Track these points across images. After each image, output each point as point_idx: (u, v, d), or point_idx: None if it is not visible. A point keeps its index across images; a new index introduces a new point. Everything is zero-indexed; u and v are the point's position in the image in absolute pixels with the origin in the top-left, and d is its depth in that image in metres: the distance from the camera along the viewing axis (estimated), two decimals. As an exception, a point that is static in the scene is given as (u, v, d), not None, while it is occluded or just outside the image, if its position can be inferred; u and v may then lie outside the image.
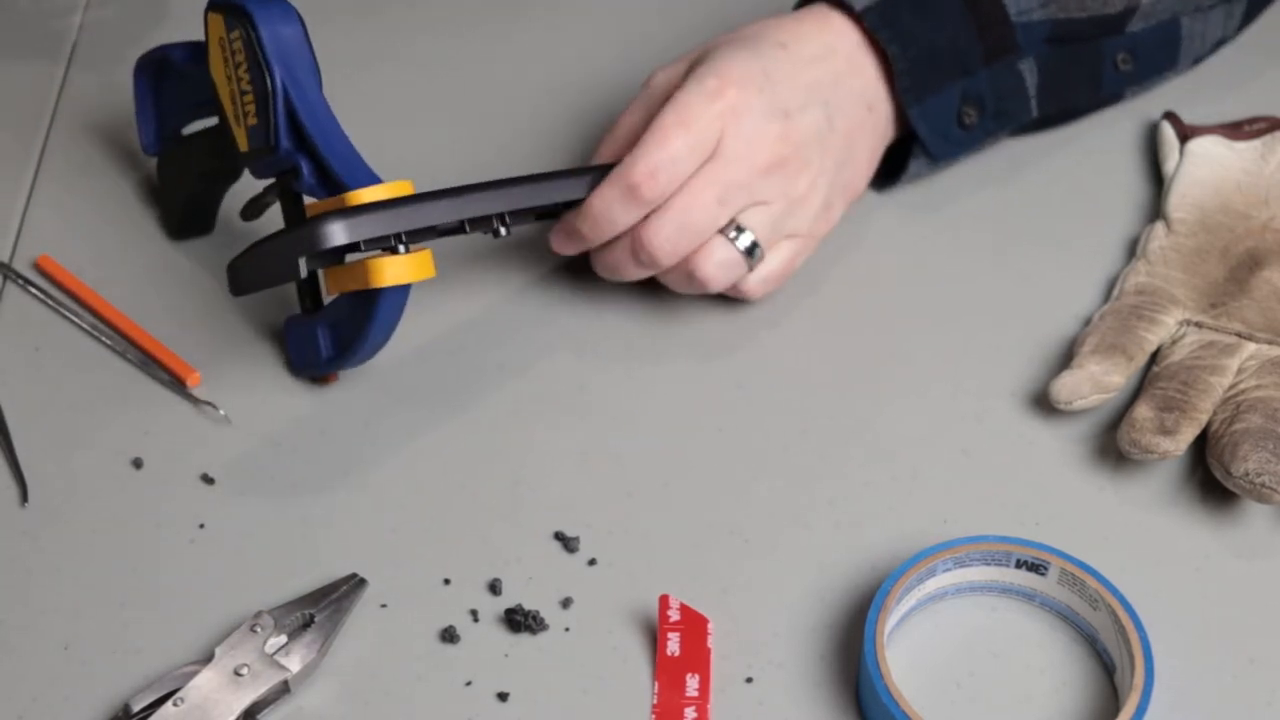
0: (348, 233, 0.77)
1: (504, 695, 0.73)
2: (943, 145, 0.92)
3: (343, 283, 0.80)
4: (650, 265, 0.83)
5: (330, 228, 0.77)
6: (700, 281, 0.84)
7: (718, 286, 0.85)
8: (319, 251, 0.77)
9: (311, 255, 0.77)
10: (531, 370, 0.86)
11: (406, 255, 0.78)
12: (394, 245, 0.78)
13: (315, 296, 0.85)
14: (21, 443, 0.83)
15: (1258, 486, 0.76)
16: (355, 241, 0.77)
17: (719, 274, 0.84)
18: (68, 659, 0.74)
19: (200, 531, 0.79)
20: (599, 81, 1.02)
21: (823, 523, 0.79)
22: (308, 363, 0.84)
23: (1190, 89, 1.00)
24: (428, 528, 0.79)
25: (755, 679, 0.73)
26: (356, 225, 0.77)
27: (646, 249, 0.82)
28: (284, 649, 0.73)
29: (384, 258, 0.78)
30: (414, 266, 0.79)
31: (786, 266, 0.87)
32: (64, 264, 0.91)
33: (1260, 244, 0.88)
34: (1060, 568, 0.73)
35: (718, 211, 0.82)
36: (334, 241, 0.77)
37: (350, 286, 0.80)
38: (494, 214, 0.81)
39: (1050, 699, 0.72)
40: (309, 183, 0.81)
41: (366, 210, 0.78)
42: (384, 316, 0.80)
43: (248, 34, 0.80)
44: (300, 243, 0.77)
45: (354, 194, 0.79)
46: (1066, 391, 0.81)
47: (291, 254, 0.77)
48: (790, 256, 0.87)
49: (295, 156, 0.81)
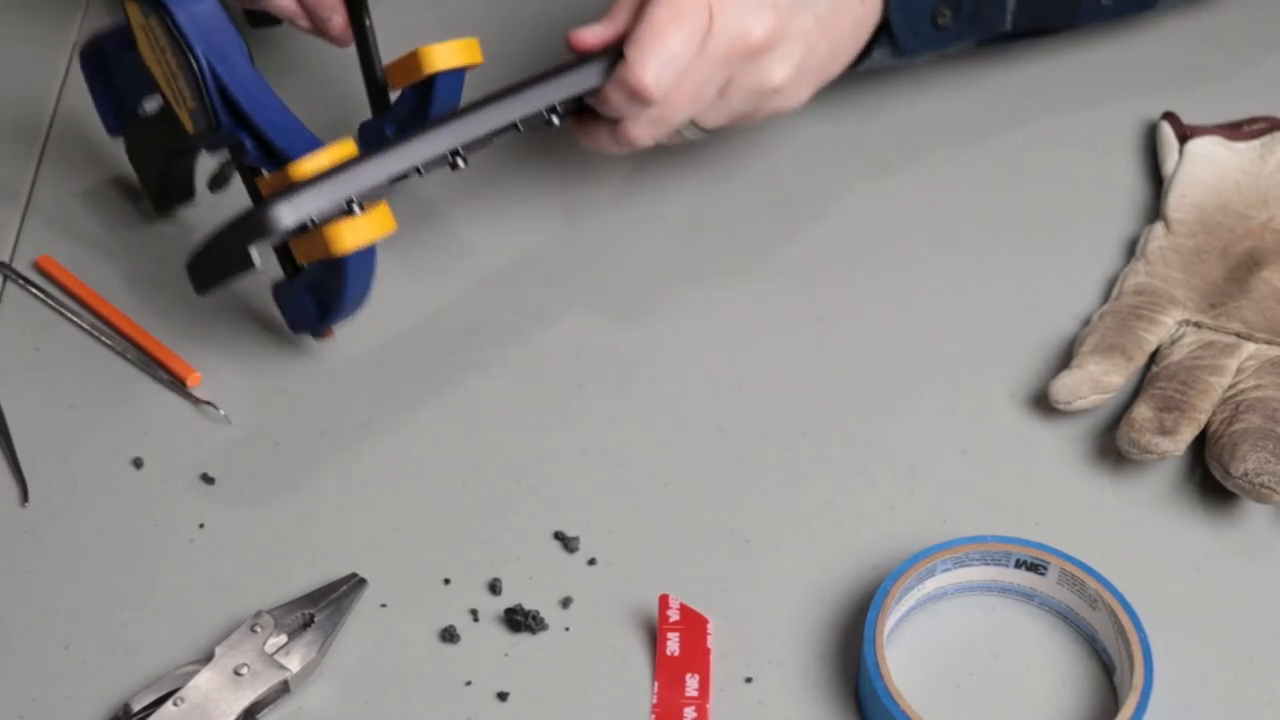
0: (293, 214, 0.75)
1: (504, 695, 0.73)
2: (912, 40, 0.92)
3: (307, 252, 0.79)
4: (628, 149, 0.84)
5: (273, 213, 0.75)
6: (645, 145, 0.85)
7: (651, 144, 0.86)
8: (270, 237, 0.75)
9: (263, 241, 0.75)
10: (532, 370, 0.86)
11: (362, 216, 0.77)
12: (348, 208, 0.76)
13: (293, 261, 0.83)
14: (21, 443, 0.83)
15: (1257, 486, 0.76)
16: (304, 221, 0.75)
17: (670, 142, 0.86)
18: (68, 659, 0.74)
19: (200, 531, 0.79)
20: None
21: (823, 523, 0.79)
22: (302, 324, 0.85)
23: (1190, 89, 1.00)
24: (428, 528, 0.79)
25: (755, 679, 0.73)
26: (299, 204, 0.75)
27: (628, 139, 0.83)
28: (284, 649, 0.73)
29: (340, 224, 0.76)
30: (372, 225, 0.77)
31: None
32: (64, 264, 0.91)
33: (1259, 244, 0.89)
34: (1059, 568, 0.73)
35: (698, 105, 0.83)
36: (280, 227, 0.75)
37: (315, 255, 0.79)
38: (445, 152, 0.79)
39: (1049, 699, 0.72)
40: (254, 156, 0.80)
41: (309, 185, 0.75)
42: (355, 275, 0.79)
43: (163, 19, 0.79)
44: (246, 233, 0.75)
45: (296, 166, 0.77)
46: (1066, 392, 0.82)
47: (241, 245, 0.75)
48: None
49: (237, 133, 0.80)
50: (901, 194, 0.95)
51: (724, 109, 0.85)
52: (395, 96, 0.87)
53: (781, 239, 0.93)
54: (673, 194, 0.95)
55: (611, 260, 0.92)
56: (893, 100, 1.01)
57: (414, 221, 0.94)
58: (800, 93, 0.88)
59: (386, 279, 0.91)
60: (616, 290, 0.90)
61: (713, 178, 0.96)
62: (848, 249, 0.92)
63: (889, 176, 0.97)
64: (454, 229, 0.94)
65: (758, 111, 0.87)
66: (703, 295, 0.90)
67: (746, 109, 0.86)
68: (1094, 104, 1.01)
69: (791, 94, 0.87)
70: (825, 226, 0.94)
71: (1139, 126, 0.99)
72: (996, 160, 0.97)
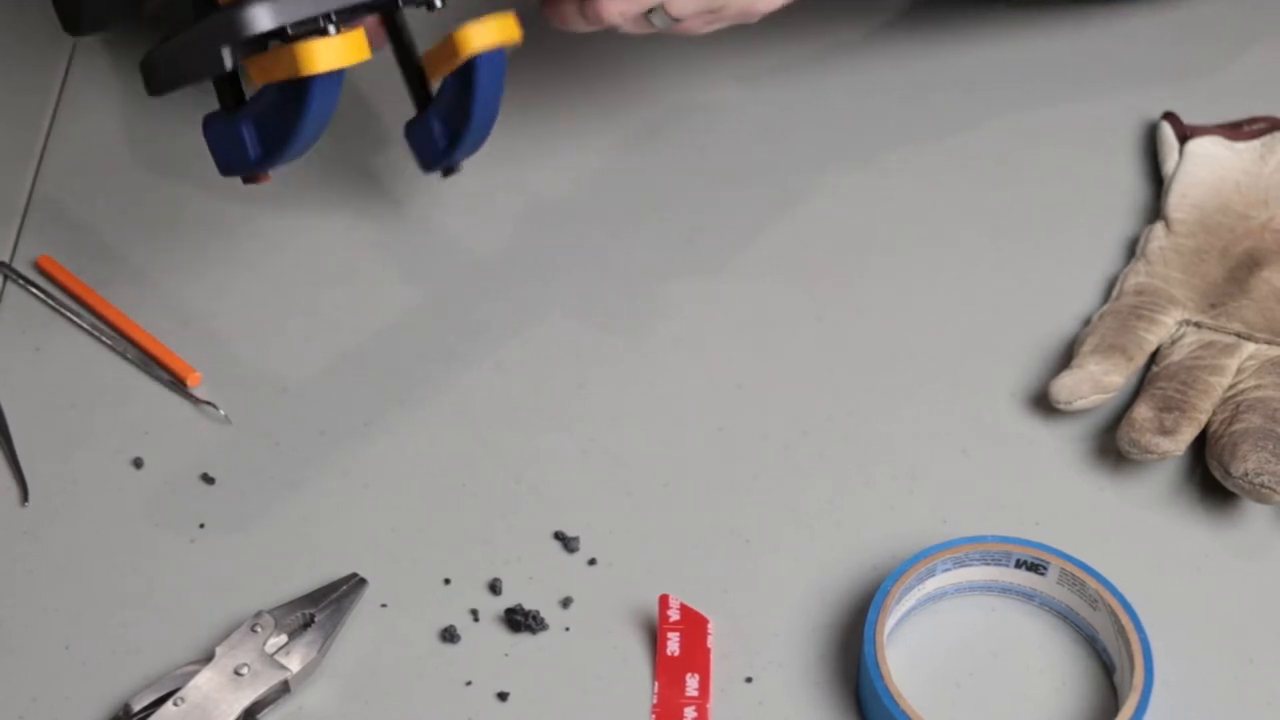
0: (274, 15, 0.69)
1: (504, 695, 0.73)
2: None
3: (269, 72, 0.72)
4: (595, 25, 0.82)
5: (254, 10, 0.69)
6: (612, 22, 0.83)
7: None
8: (243, 39, 0.69)
9: (235, 44, 0.70)
10: (531, 370, 0.86)
11: (338, 36, 0.71)
12: (323, 26, 0.71)
13: (236, 90, 0.76)
14: (21, 443, 0.83)
15: (1257, 487, 0.76)
16: (283, 25, 0.70)
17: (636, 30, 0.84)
18: (68, 659, 0.74)
19: (200, 531, 0.79)
20: None
21: (823, 522, 0.79)
22: (234, 165, 0.76)
23: (1190, 89, 1.00)
24: (428, 528, 0.79)
25: (755, 678, 0.73)
26: (282, 6, 0.69)
27: (597, 14, 0.81)
28: (284, 649, 0.73)
29: (313, 41, 0.70)
30: (347, 48, 0.71)
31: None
32: (64, 264, 0.91)
33: (1259, 244, 0.88)
34: (1060, 568, 0.73)
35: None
36: (260, 26, 0.69)
37: (277, 76, 0.72)
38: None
39: (1050, 699, 0.72)
40: None
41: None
42: (317, 107, 0.72)
43: None
44: (222, 29, 0.69)
45: None
46: (1066, 392, 0.82)
47: (213, 43, 0.70)
48: None
49: None
50: (901, 194, 0.95)
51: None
52: (436, 89, 0.83)
53: (781, 239, 0.93)
54: (673, 194, 0.95)
55: (611, 260, 0.92)
56: (893, 100, 1.01)
57: (414, 221, 0.94)
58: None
59: (387, 278, 0.91)
60: (616, 290, 0.90)
61: (712, 177, 0.96)
62: (848, 249, 0.92)
63: (889, 176, 0.97)
64: (453, 228, 0.94)
65: (729, 6, 0.84)
66: (703, 295, 0.90)
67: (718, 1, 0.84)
68: (1094, 103, 1.01)
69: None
70: (825, 226, 0.94)
71: (1139, 126, 0.99)
72: (996, 160, 0.97)
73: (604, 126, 0.99)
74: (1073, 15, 1.06)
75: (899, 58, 1.03)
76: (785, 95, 1.01)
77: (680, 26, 0.85)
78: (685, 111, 1.00)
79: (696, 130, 0.99)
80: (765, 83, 1.02)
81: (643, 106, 1.00)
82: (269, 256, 0.92)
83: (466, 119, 0.80)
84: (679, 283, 0.91)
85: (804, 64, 1.03)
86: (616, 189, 0.96)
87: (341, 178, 0.96)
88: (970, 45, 1.04)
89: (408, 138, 0.83)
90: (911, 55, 1.03)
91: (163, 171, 0.96)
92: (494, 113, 0.81)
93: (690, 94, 1.01)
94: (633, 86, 0.97)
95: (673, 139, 0.98)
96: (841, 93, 1.01)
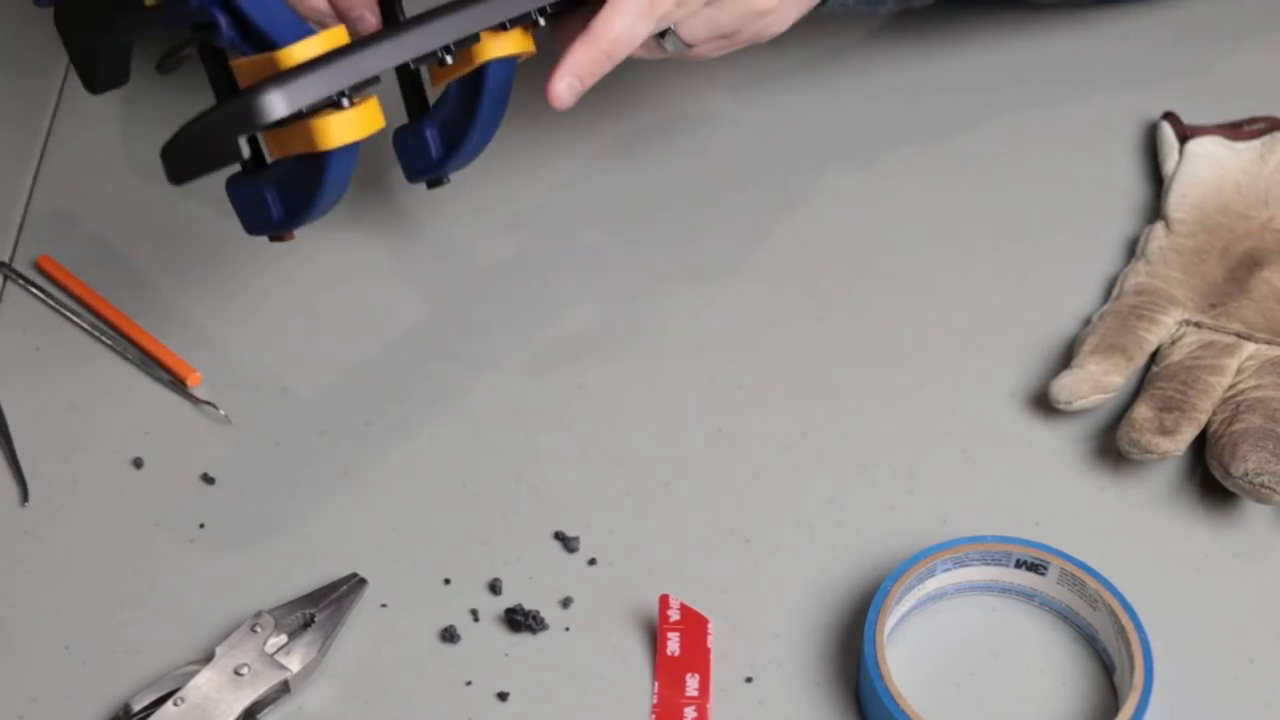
0: (288, 102, 0.69)
1: (504, 695, 0.73)
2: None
3: (286, 145, 0.73)
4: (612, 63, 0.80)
5: (267, 100, 0.69)
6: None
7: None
8: (260, 128, 0.70)
9: (252, 132, 0.70)
10: (531, 370, 0.86)
11: (352, 109, 0.71)
12: (337, 100, 0.71)
13: (258, 156, 0.76)
14: (21, 443, 0.83)
15: (1257, 486, 0.76)
16: (298, 110, 0.70)
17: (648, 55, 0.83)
18: (68, 659, 0.74)
19: (200, 531, 0.79)
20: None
21: (823, 522, 0.79)
22: (259, 225, 0.77)
23: (1190, 89, 1.00)
24: (428, 528, 0.79)
25: (755, 679, 0.73)
26: (297, 92, 0.69)
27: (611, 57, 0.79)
28: (284, 649, 0.73)
29: (328, 116, 0.71)
30: (361, 121, 0.72)
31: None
32: (64, 264, 0.91)
33: (1259, 244, 0.89)
34: (1060, 568, 0.73)
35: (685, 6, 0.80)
36: (274, 115, 0.69)
37: (295, 150, 0.73)
38: (440, 47, 0.74)
39: (1050, 699, 0.72)
40: (229, 36, 0.72)
41: (303, 72, 0.70)
42: (334, 176, 0.73)
43: None
44: (237, 121, 0.69)
45: (287, 52, 0.71)
46: (1066, 392, 0.82)
47: (229, 134, 0.70)
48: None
49: (210, 9, 0.72)
50: (901, 194, 0.95)
51: (710, 21, 0.83)
52: (438, 95, 0.82)
53: (781, 239, 0.93)
54: (672, 195, 0.95)
55: (611, 260, 0.92)
56: (893, 101, 1.01)
57: (414, 222, 0.94)
58: (785, 18, 0.86)
59: (387, 279, 0.91)
60: (616, 290, 0.90)
61: (712, 179, 0.96)
62: (848, 249, 0.92)
63: (889, 177, 0.97)
64: (453, 230, 0.94)
65: (741, 32, 0.85)
66: (703, 295, 0.90)
67: (732, 26, 0.84)
68: (1094, 104, 1.01)
69: (778, 19, 0.85)
70: (825, 226, 0.94)
71: (1139, 126, 0.99)
72: (996, 160, 0.97)
73: (604, 128, 0.99)
74: (1072, 16, 1.06)
75: (899, 59, 1.03)
76: (785, 96, 1.01)
77: (693, 52, 0.85)
78: (685, 112, 1.00)
79: (696, 132, 0.99)
80: (766, 84, 1.02)
81: (642, 108, 1.00)
82: (269, 257, 0.92)
83: (467, 129, 0.79)
84: (679, 283, 0.91)
85: (804, 65, 1.03)
86: (616, 190, 0.96)
87: (341, 178, 0.96)
88: (970, 46, 1.04)
89: (397, 145, 0.82)
90: (911, 56, 1.03)
91: (162, 172, 0.96)
92: (495, 126, 0.80)
93: (690, 94, 1.01)
94: (631, 89, 0.97)
95: (672, 141, 0.99)
96: (841, 94, 1.01)
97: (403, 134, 0.82)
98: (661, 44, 0.83)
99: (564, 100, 0.78)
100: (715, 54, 0.86)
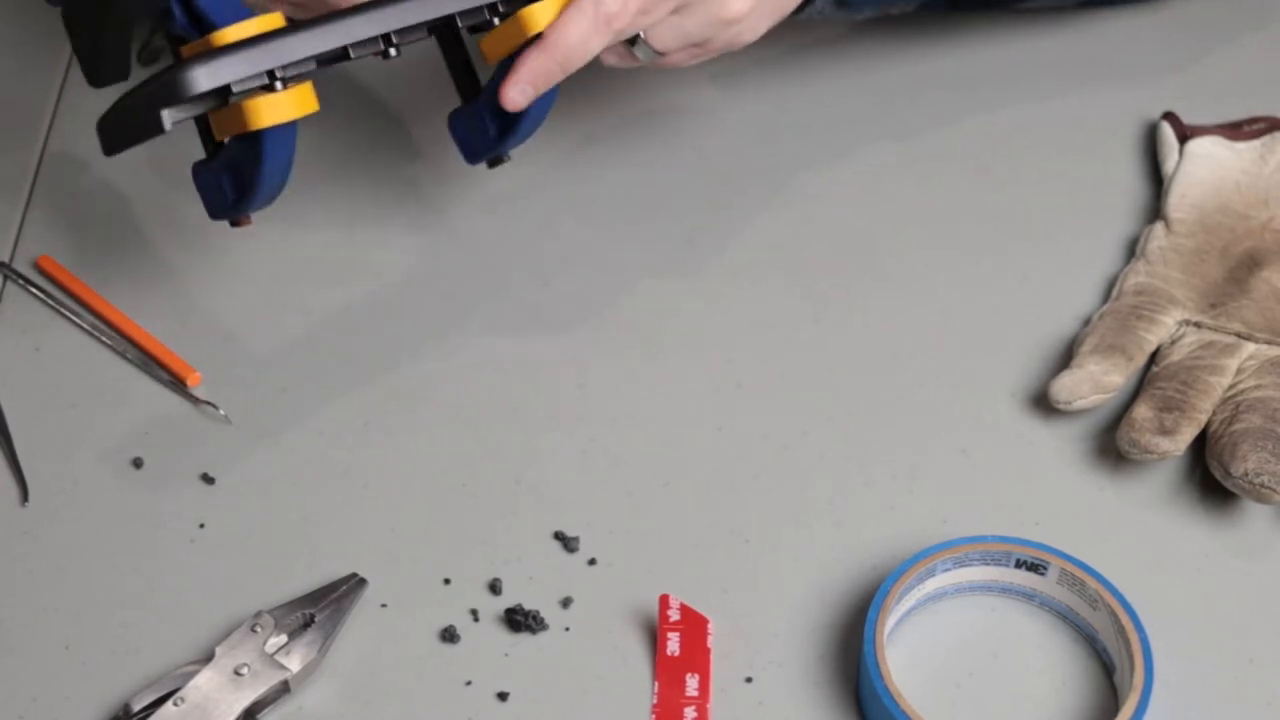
0: (209, 77, 0.71)
1: (504, 695, 0.73)
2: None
3: (225, 127, 0.75)
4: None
5: (189, 75, 0.71)
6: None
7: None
8: (184, 101, 0.72)
9: (176, 105, 0.72)
10: (531, 370, 0.86)
11: (284, 92, 0.73)
12: (270, 83, 0.73)
13: (213, 140, 0.79)
14: (21, 443, 0.83)
15: (1257, 486, 0.76)
16: (222, 86, 0.72)
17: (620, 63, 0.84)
18: (68, 659, 0.74)
19: (200, 531, 0.79)
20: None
21: (823, 522, 0.79)
22: (218, 209, 0.79)
23: (1190, 89, 1.00)
24: (428, 527, 0.79)
25: (755, 678, 0.73)
26: (217, 69, 0.71)
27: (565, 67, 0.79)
28: (284, 649, 0.73)
29: (259, 98, 0.73)
30: (293, 103, 0.74)
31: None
32: (64, 264, 0.91)
33: (1259, 244, 0.89)
34: (1060, 568, 0.73)
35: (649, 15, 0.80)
36: (194, 89, 0.71)
37: (233, 130, 0.75)
38: (378, 35, 0.76)
39: (1050, 699, 0.72)
40: (181, 24, 0.75)
41: (230, 51, 0.72)
42: (273, 156, 0.75)
43: None
44: (159, 94, 0.72)
45: (220, 33, 0.73)
46: (1066, 392, 0.82)
47: (153, 107, 0.72)
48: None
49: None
50: (901, 194, 0.95)
51: (678, 29, 0.82)
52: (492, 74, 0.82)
53: (781, 239, 0.93)
54: (672, 194, 0.95)
55: (611, 260, 0.92)
56: (893, 100, 1.01)
57: (413, 222, 0.94)
58: (756, 27, 0.86)
59: (387, 279, 0.91)
60: (616, 290, 0.90)
61: (712, 178, 0.96)
62: (848, 249, 0.92)
63: (889, 177, 0.96)
64: (452, 229, 0.94)
65: (712, 41, 0.84)
66: (702, 295, 0.90)
67: (701, 35, 0.83)
68: (1094, 104, 1.01)
69: (749, 27, 0.85)
70: (825, 226, 0.94)
71: (1139, 126, 0.99)
72: (996, 160, 0.97)
73: (603, 127, 0.99)
74: (1072, 15, 1.06)
75: (898, 58, 1.03)
76: (785, 96, 1.01)
77: (664, 60, 0.84)
78: (685, 112, 1.00)
79: (697, 131, 0.99)
80: (766, 82, 1.02)
81: (642, 106, 1.00)
82: (269, 257, 0.92)
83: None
84: (679, 283, 0.91)
85: (804, 65, 1.03)
86: (616, 189, 0.96)
87: (341, 178, 0.96)
88: (970, 45, 1.04)
89: (453, 129, 0.83)
90: (910, 55, 1.03)
91: (162, 172, 0.96)
92: (552, 98, 0.80)
93: (690, 93, 1.01)
94: (630, 88, 0.97)
95: (673, 140, 0.98)
96: (842, 93, 1.01)
97: (457, 116, 0.83)
98: (633, 52, 0.83)
99: (516, 104, 0.79)
100: (689, 62, 0.86)
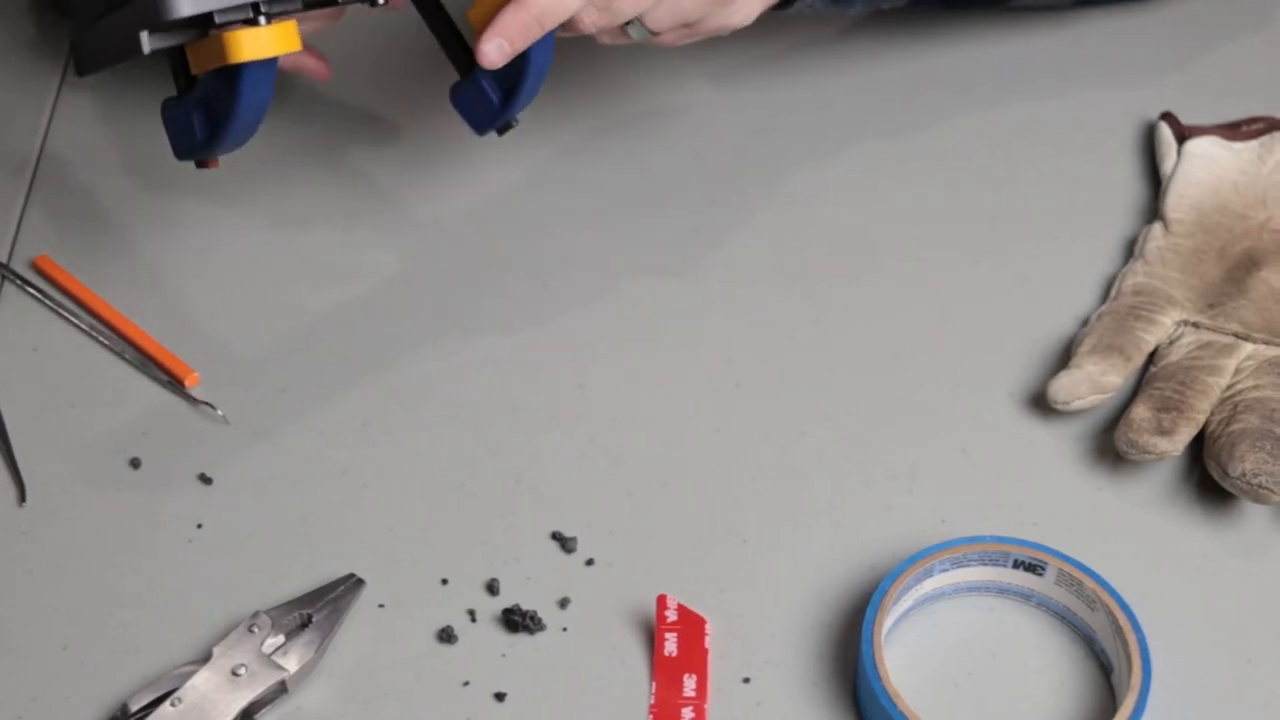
0: (193, 3, 0.70)
1: (501, 695, 0.73)
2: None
3: (203, 60, 0.74)
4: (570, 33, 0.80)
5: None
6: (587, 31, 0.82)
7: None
8: (163, 24, 0.71)
9: (155, 29, 0.71)
10: (531, 370, 0.86)
11: (267, 27, 0.73)
12: (253, 17, 0.72)
13: (187, 75, 0.78)
14: (19, 443, 0.83)
15: (1255, 487, 0.76)
16: (205, 12, 0.71)
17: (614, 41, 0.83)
18: (66, 659, 0.74)
19: (198, 531, 0.79)
20: None
21: (821, 523, 0.79)
22: (185, 148, 0.79)
23: (1188, 89, 1.00)
24: (426, 528, 0.79)
25: (753, 679, 0.73)
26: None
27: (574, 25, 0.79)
28: (282, 649, 0.73)
29: (240, 30, 0.72)
30: (275, 39, 0.73)
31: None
32: (63, 264, 0.91)
33: (1258, 244, 0.88)
34: (1058, 568, 0.73)
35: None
36: (176, 12, 0.70)
37: (210, 64, 0.74)
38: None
39: (1048, 699, 0.72)
40: None
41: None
42: (249, 94, 0.74)
43: None
44: (141, 14, 0.71)
45: None
46: (1064, 392, 0.82)
47: (132, 27, 0.71)
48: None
49: None
50: (900, 194, 0.95)
51: (674, 9, 0.83)
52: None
53: (780, 239, 0.93)
54: (671, 194, 0.95)
55: (611, 260, 0.92)
56: (892, 100, 1.01)
57: (412, 222, 0.94)
58: (749, 10, 0.86)
59: (385, 278, 0.91)
60: (616, 290, 0.90)
61: (711, 178, 0.96)
62: (847, 249, 0.92)
63: (888, 176, 0.97)
64: (451, 229, 0.94)
65: (706, 20, 0.85)
66: (702, 295, 0.90)
67: (696, 14, 0.84)
68: (1093, 104, 1.01)
69: (740, 8, 0.85)
70: (825, 226, 0.94)
71: (1138, 126, 0.99)
72: (995, 160, 0.97)
73: (602, 127, 0.99)
74: (1072, 15, 1.06)
75: (897, 58, 1.03)
76: (784, 96, 1.01)
77: (657, 39, 0.85)
78: (684, 112, 1.00)
79: (697, 130, 0.99)
80: (764, 83, 1.02)
81: (641, 104, 1.00)
82: (268, 256, 0.92)
83: (523, 66, 0.79)
84: (679, 283, 0.91)
85: (803, 65, 1.03)
86: (614, 189, 0.96)
87: (340, 177, 0.96)
88: (968, 45, 1.04)
89: (456, 103, 0.83)
90: (909, 55, 1.03)
91: (160, 172, 0.96)
92: (549, 54, 0.80)
93: (691, 92, 1.01)
94: (629, 88, 0.97)
95: (672, 139, 0.99)
96: (841, 93, 1.01)
97: (459, 90, 0.83)
98: (627, 31, 0.83)
99: (492, 60, 0.79)
100: (680, 42, 0.86)
